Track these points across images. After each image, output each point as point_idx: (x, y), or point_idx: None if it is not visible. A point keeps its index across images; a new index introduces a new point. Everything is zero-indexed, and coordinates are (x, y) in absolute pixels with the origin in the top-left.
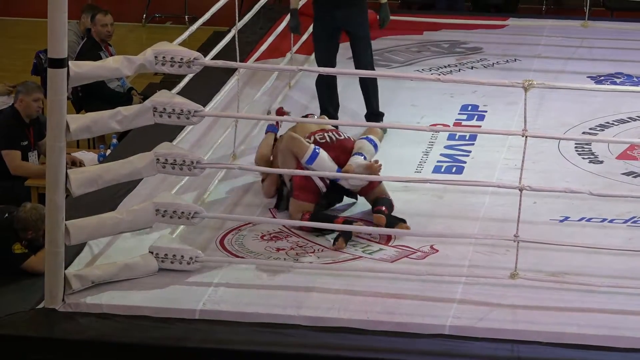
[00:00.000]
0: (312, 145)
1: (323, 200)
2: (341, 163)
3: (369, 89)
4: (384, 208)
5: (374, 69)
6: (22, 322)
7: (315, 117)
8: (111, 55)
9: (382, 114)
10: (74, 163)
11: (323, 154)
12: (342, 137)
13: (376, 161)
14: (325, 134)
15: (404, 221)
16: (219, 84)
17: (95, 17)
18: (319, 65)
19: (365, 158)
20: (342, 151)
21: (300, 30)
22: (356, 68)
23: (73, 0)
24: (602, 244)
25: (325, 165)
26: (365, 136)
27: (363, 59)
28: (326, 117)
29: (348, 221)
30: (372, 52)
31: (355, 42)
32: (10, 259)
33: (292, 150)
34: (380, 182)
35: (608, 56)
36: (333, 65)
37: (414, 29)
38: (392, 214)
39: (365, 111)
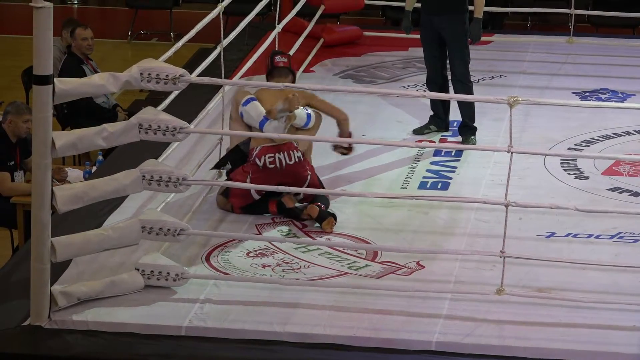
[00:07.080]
0: (249, 95)
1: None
2: (285, 184)
3: (462, 103)
4: (320, 203)
5: (467, 81)
6: (8, 339)
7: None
8: (93, 69)
9: (474, 129)
10: (61, 170)
11: (255, 103)
12: (293, 162)
13: (293, 93)
14: (277, 156)
15: (334, 217)
16: (205, 100)
17: (75, 31)
18: (427, 67)
19: (309, 117)
20: (291, 177)
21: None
22: (451, 78)
23: (55, 17)
24: (588, 259)
25: (256, 110)
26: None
27: (455, 69)
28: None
29: (280, 202)
30: (466, 62)
31: (449, 50)
32: None
33: (236, 99)
34: (320, 182)
35: (593, 72)
36: (438, 69)
37: (400, 45)
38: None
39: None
